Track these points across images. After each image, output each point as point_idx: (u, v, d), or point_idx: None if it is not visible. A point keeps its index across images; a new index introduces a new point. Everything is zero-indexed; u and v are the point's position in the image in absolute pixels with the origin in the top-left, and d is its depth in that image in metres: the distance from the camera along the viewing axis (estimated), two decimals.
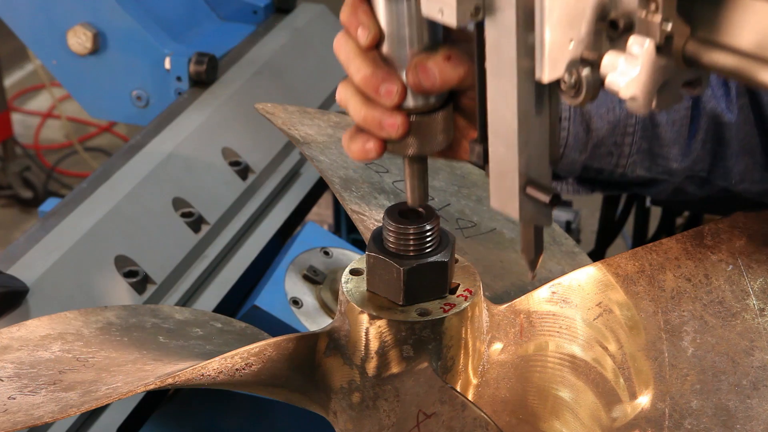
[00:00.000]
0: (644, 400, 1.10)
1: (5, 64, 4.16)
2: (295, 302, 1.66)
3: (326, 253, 1.77)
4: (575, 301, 1.13)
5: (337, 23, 2.55)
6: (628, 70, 0.73)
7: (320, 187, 2.09)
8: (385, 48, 0.94)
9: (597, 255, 2.70)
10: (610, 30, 0.75)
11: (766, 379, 1.09)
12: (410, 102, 0.95)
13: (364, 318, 1.01)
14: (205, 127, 1.99)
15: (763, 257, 1.15)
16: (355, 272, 1.06)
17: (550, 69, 0.76)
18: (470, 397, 1.07)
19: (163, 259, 1.70)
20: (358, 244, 1.96)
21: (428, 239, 1.02)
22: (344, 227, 2.38)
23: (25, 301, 1.49)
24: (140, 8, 2.23)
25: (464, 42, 0.94)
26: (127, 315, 1.23)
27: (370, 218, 1.21)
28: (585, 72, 0.76)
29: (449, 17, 0.80)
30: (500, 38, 0.79)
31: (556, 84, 0.78)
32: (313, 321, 1.64)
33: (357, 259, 1.08)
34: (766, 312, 1.13)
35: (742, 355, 1.11)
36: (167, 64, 2.16)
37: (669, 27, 0.73)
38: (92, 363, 1.08)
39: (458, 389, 1.03)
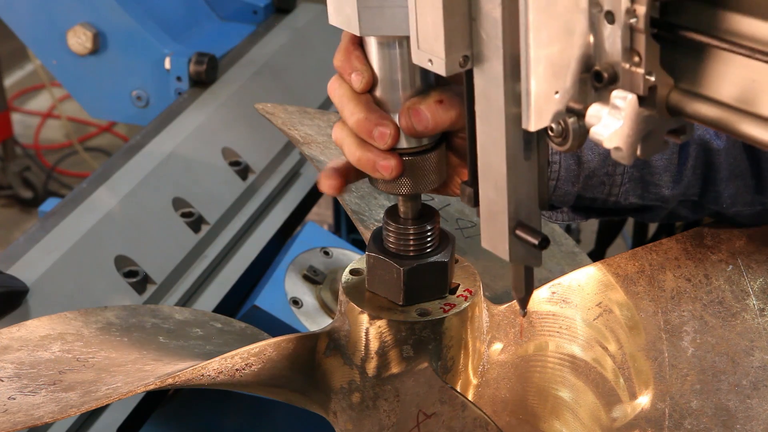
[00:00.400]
0: (644, 400, 1.10)
1: (5, 64, 4.15)
2: (295, 302, 1.66)
3: (326, 253, 1.77)
4: (575, 301, 1.13)
5: None
6: (612, 123, 0.74)
7: None
8: (378, 91, 0.96)
9: (597, 255, 2.70)
10: (595, 81, 0.77)
11: (766, 379, 1.09)
12: (403, 143, 0.96)
13: (364, 318, 1.01)
14: (205, 127, 1.99)
15: (763, 257, 1.15)
16: (355, 272, 1.06)
17: (536, 119, 0.77)
18: (470, 397, 1.07)
19: (163, 259, 1.70)
20: (358, 244, 1.96)
21: (428, 239, 1.02)
22: (344, 227, 2.38)
23: (25, 301, 1.49)
24: (140, 8, 2.23)
25: (456, 84, 0.95)
26: (127, 315, 1.23)
27: (370, 218, 1.21)
28: (571, 120, 0.77)
29: (438, 67, 0.81)
30: (488, 87, 0.80)
31: (543, 131, 0.80)
32: (313, 321, 1.64)
33: (357, 259, 1.08)
34: (766, 312, 1.13)
35: (742, 355, 1.11)
36: (167, 64, 2.16)
37: (652, 78, 0.74)
38: (92, 363, 1.08)
39: (458, 389, 1.03)
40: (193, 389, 1.59)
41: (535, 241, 0.85)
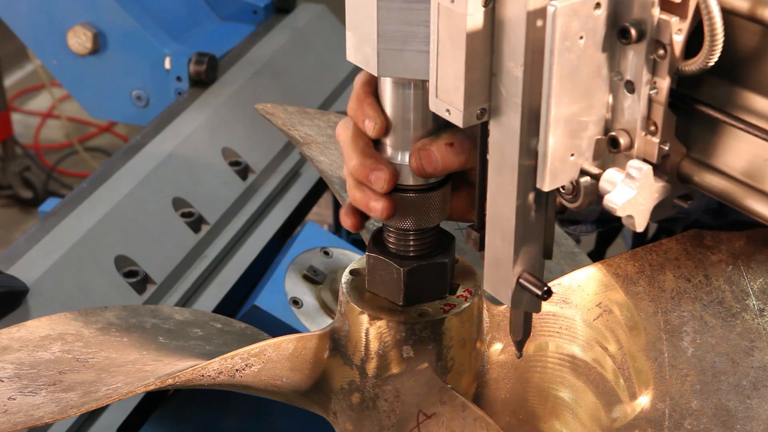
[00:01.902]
0: (644, 400, 1.10)
1: (5, 64, 4.15)
2: (295, 302, 1.66)
3: (326, 253, 1.77)
4: (575, 302, 1.13)
5: (336, 23, 2.56)
6: (626, 192, 0.76)
7: (320, 187, 2.09)
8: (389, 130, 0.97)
9: (597, 255, 2.70)
10: (611, 147, 0.78)
11: (766, 379, 1.09)
12: (410, 180, 0.97)
13: (364, 318, 1.01)
14: (205, 127, 1.99)
15: (763, 257, 1.15)
16: (355, 272, 1.06)
17: (551, 180, 0.78)
18: (470, 397, 1.07)
19: (163, 259, 1.70)
20: (358, 244, 1.96)
21: (428, 240, 1.02)
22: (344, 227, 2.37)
23: (25, 301, 1.49)
24: (140, 8, 2.23)
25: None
26: (127, 315, 1.23)
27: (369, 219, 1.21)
28: (583, 180, 0.79)
29: (456, 118, 0.82)
30: (503, 140, 0.81)
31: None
32: (313, 321, 1.64)
33: (357, 260, 1.08)
34: (766, 312, 1.13)
35: (742, 355, 1.11)
36: (167, 64, 2.16)
37: (666, 147, 0.76)
38: (92, 363, 1.08)
39: (458, 390, 1.03)
40: (193, 389, 1.59)
41: (539, 292, 0.86)
